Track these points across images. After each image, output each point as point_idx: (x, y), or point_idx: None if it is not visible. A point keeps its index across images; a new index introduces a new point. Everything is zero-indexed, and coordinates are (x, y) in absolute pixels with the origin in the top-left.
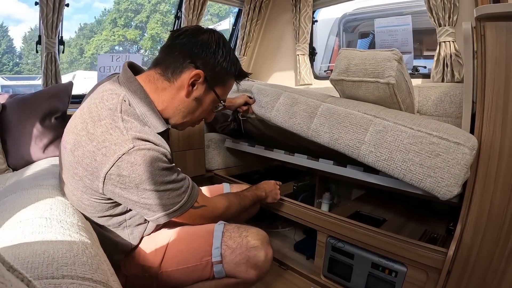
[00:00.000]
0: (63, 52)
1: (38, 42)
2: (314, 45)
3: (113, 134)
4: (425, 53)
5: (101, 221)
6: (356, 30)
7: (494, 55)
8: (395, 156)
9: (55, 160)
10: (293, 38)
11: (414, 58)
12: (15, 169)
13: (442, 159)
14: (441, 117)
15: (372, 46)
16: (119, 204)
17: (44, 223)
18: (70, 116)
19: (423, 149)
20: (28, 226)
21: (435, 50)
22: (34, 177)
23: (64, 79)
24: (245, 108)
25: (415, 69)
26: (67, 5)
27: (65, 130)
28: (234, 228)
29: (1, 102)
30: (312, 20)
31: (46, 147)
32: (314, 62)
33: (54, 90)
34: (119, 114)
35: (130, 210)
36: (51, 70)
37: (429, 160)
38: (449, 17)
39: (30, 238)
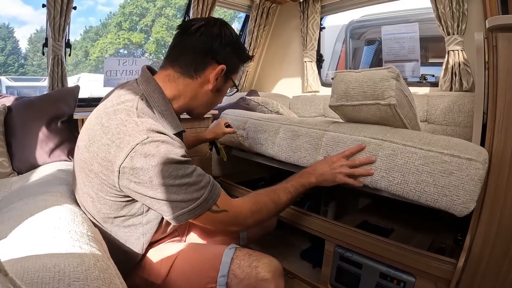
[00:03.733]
0: (69, 55)
1: (45, 45)
2: (321, 52)
3: (128, 126)
4: (431, 60)
5: (117, 222)
6: (363, 37)
7: (506, 66)
8: (408, 178)
9: (61, 165)
10: (300, 44)
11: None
12: (20, 172)
13: (455, 177)
14: (449, 126)
15: (378, 52)
16: (136, 201)
17: (53, 233)
18: (76, 120)
19: (435, 169)
20: (36, 237)
21: (441, 57)
22: (41, 182)
23: (69, 81)
24: (229, 130)
25: (423, 77)
26: (75, 8)
27: (80, 131)
28: (244, 255)
29: (7, 105)
30: (320, 27)
31: (52, 151)
32: (321, 69)
33: (60, 93)
34: (135, 111)
35: (147, 212)
36: (58, 73)
37: (442, 179)
38: (457, 26)
39: (39, 250)
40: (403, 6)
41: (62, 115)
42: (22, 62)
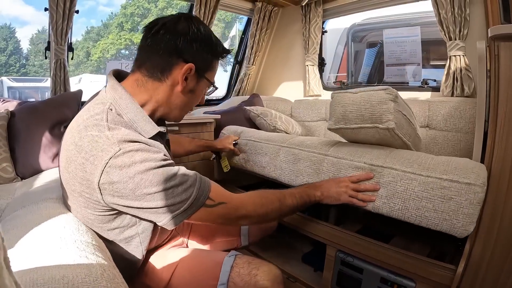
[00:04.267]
0: (72, 58)
1: (47, 48)
2: (323, 55)
3: (99, 141)
4: (432, 63)
5: (112, 236)
6: (364, 40)
7: (508, 74)
8: (409, 205)
9: None
10: (302, 48)
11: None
12: (23, 177)
13: (455, 202)
14: (450, 132)
15: (379, 55)
16: (124, 213)
17: (59, 243)
18: None
19: (435, 195)
20: (43, 247)
21: (442, 60)
22: (44, 189)
23: (70, 82)
24: (234, 150)
25: (425, 82)
26: (77, 11)
27: (60, 152)
28: (244, 263)
29: (10, 110)
30: (322, 31)
31: (55, 156)
32: (323, 73)
33: (63, 98)
34: (105, 123)
35: (140, 221)
36: (60, 76)
37: (442, 204)
38: (459, 31)
39: (46, 261)
40: (405, 10)
41: (65, 120)
42: (24, 62)
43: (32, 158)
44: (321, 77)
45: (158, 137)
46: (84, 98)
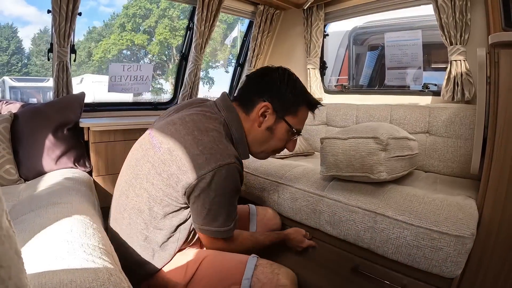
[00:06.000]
0: (74, 60)
1: (50, 50)
2: (324, 59)
3: (220, 146)
4: (434, 65)
5: (161, 223)
6: (366, 43)
7: (508, 82)
8: (401, 250)
9: (67, 172)
10: (303, 51)
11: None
12: (26, 179)
13: (444, 252)
14: (450, 138)
15: (381, 57)
16: (187, 208)
17: (66, 247)
18: (82, 128)
19: (426, 245)
20: (50, 251)
21: (443, 62)
22: (50, 193)
23: (72, 82)
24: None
25: (426, 86)
26: (80, 14)
27: (158, 131)
28: (266, 264)
29: (13, 112)
30: (324, 34)
31: (58, 158)
32: (324, 76)
33: (66, 101)
34: (223, 133)
35: (189, 219)
36: (63, 78)
37: (432, 253)
38: (460, 36)
39: (54, 265)
40: (406, 13)
41: (68, 123)
42: (26, 62)
43: (35, 160)
44: (322, 80)
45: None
46: (86, 98)
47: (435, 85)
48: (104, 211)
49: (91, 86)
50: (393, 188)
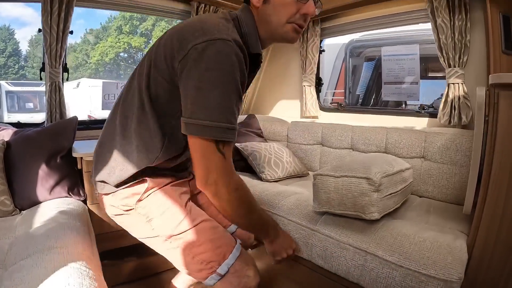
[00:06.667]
0: (67, 79)
1: (42, 69)
2: (320, 74)
3: (221, 26)
4: (430, 74)
5: (151, 114)
6: (362, 55)
7: (506, 125)
8: None
9: (62, 203)
10: (299, 67)
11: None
12: (22, 208)
13: None
14: (446, 165)
15: (378, 67)
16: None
17: None
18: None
19: (414, 287)
20: None
21: (440, 71)
22: (46, 233)
23: (69, 86)
24: None
25: (422, 107)
26: (71, 32)
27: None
28: (244, 260)
29: (6, 140)
30: (320, 50)
31: (52, 188)
32: (320, 93)
33: (58, 127)
34: (231, 23)
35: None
36: (55, 99)
37: None
38: (459, 58)
39: None
40: (404, 27)
41: (62, 150)
42: (23, 64)
43: (29, 190)
44: (318, 97)
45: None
46: (81, 111)
47: (432, 106)
48: (99, 238)
49: (88, 91)
50: (385, 225)
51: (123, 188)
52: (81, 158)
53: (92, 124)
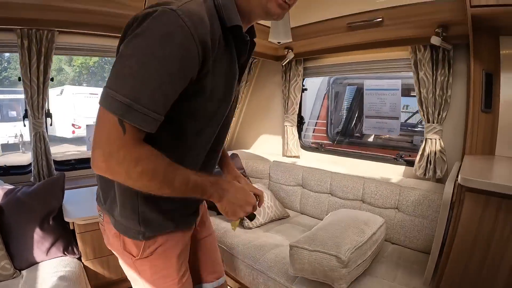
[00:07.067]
0: (50, 124)
1: (25, 116)
2: (302, 113)
3: None
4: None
5: None
6: (345, 83)
7: (466, 224)
8: None
9: (58, 265)
10: (281, 105)
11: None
12: (21, 269)
13: None
14: (417, 218)
15: (358, 91)
16: None
17: None
18: (63, 219)
19: None
20: None
21: None
22: None
23: (52, 93)
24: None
25: (400, 156)
26: (52, 79)
27: None
28: None
29: None
30: (302, 89)
31: (48, 250)
32: (302, 132)
33: (47, 187)
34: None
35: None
36: (41, 147)
37: None
38: (438, 114)
39: None
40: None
41: (53, 211)
42: (6, 65)
43: (27, 253)
44: (300, 137)
45: (236, 30)
46: (65, 119)
47: (409, 155)
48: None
49: (72, 98)
50: (355, 287)
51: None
52: (73, 222)
53: (78, 164)
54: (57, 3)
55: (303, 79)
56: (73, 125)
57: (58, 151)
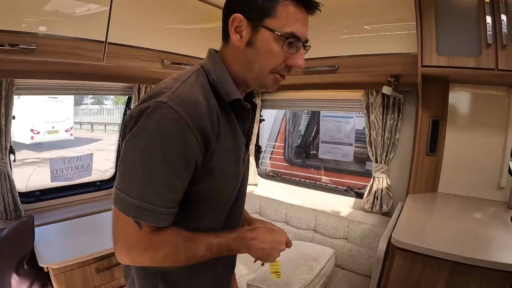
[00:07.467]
0: (14, 160)
1: None
2: (260, 143)
3: (172, 83)
4: None
5: None
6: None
7: (395, 278)
8: None
9: None
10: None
11: None
12: None
13: None
14: (364, 248)
15: (314, 114)
16: None
17: None
18: (37, 262)
19: None
20: None
21: None
22: None
23: (16, 103)
24: None
25: (350, 188)
26: (14, 117)
27: None
28: None
29: None
30: (260, 119)
31: None
32: (259, 160)
33: (17, 232)
34: (193, 79)
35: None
36: (6, 185)
37: None
38: (386, 155)
39: None
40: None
41: (26, 255)
42: None
43: None
44: (257, 165)
45: (236, 104)
46: (23, 125)
47: (359, 188)
48: None
49: (44, 106)
50: None
51: None
52: (47, 267)
53: (42, 196)
54: (15, 57)
55: (261, 110)
56: (31, 130)
57: (17, 158)
